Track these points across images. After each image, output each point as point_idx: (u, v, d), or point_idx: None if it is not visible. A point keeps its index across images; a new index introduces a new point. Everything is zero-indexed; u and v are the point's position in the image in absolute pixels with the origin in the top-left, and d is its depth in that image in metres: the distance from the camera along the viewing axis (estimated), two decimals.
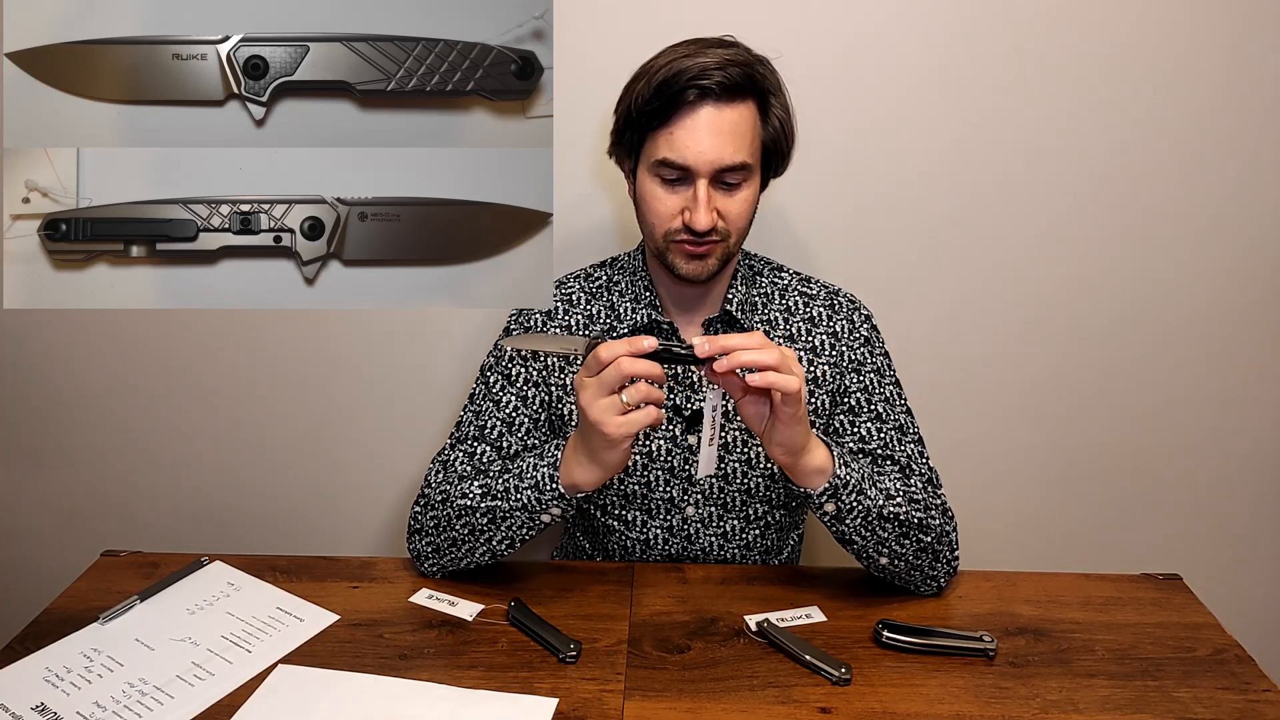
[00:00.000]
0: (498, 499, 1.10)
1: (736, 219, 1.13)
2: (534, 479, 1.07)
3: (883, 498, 1.09)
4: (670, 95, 1.08)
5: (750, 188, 1.13)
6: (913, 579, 1.14)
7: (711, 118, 1.08)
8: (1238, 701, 0.96)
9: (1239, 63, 1.43)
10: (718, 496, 1.23)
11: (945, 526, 1.13)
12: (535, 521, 1.09)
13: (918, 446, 1.21)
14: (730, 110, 1.09)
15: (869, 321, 1.26)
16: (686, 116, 1.08)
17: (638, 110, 1.11)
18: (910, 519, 1.10)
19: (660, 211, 1.13)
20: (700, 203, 1.09)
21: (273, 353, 1.62)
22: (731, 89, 1.08)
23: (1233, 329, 1.57)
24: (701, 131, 1.08)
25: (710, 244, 1.12)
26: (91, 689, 0.98)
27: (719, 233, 1.12)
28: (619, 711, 0.94)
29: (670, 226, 1.12)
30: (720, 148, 1.08)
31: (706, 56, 1.07)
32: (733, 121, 1.09)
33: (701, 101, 1.08)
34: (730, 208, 1.12)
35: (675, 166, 1.09)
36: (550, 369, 1.24)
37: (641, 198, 1.15)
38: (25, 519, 1.76)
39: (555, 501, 1.06)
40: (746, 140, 1.10)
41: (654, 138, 1.11)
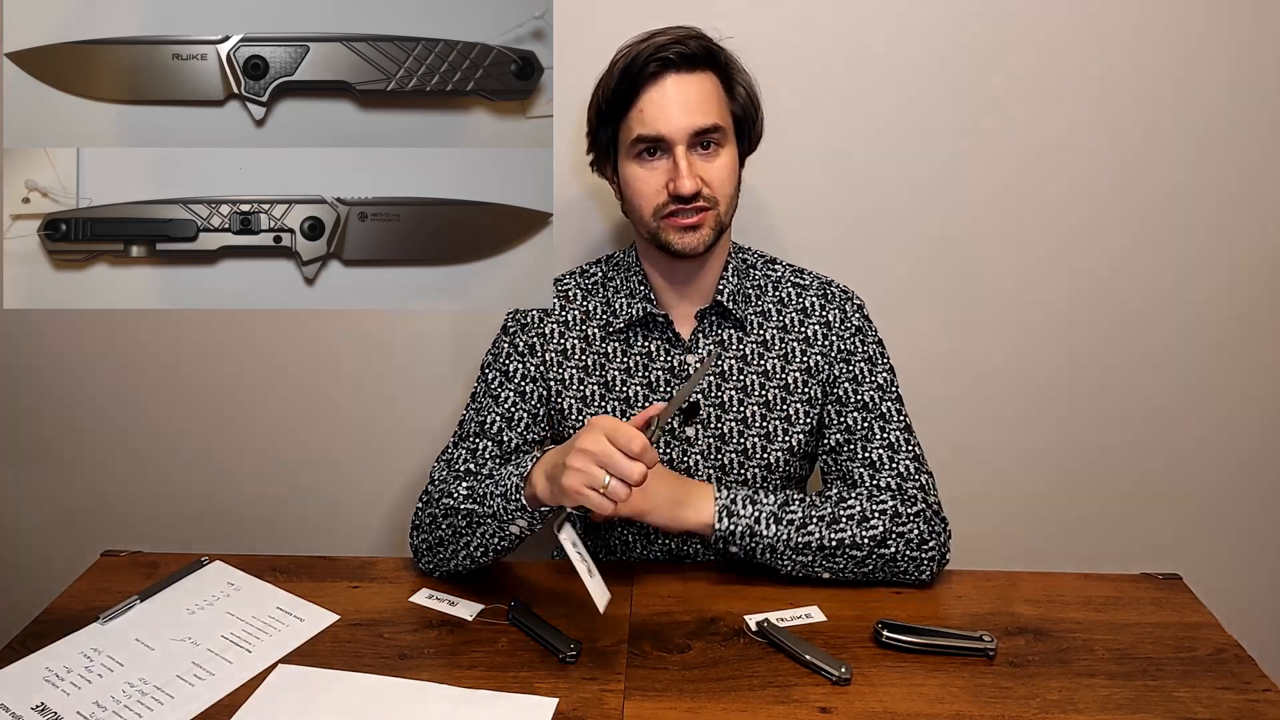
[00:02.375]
0: (475, 503, 1.10)
1: (721, 184, 1.15)
2: (504, 487, 1.07)
3: (788, 530, 1.12)
4: (633, 75, 1.11)
5: (728, 154, 1.16)
6: (881, 580, 1.15)
7: (677, 86, 1.12)
8: (1238, 701, 0.96)
9: (1241, 69, 1.43)
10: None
11: (895, 531, 1.13)
12: (504, 531, 1.09)
13: (903, 434, 1.21)
14: (693, 78, 1.12)
15: (861, 311, 1.27)
16: (652, 90, 1.12)
17: (606, 102, 1.14)
18: (828, 542, 1.12)
19: (645, 191, 1.15)
20: (681, 168, 1.11)
21: (273, 353, 1.62)
22: (691, 59, 1.12)
23: (1233, 330, 1.57)
24: (669, 100, 1.11)
25: (701, 211, 1.14)
26: (91, 689, 0.98)
27: (706, 199, 1.14)
28: (619, 711, 0.94)
29: (658, 202, 1.14)
30: (690, 113, 1.11)
31: (664, 36, 1.12)
32: (697, 87, 1.12)
33: (663, 72, 1.11)
34: (712, 173, 1.14)
35: (650, 140, 1.12)
36: (548, 365, 1.25)
37: (626, 185, 1.17)
38: (25, 519, 1.76)
39: (520, 513, 1.06)
40: (715, 104, 1.14)
41: (626, 122, 1.14)
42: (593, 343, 1.25)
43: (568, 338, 1.25)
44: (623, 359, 1.24)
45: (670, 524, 1.13)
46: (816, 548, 1.12)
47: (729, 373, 1.23)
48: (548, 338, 1.25)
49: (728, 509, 1.13)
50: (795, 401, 1.24)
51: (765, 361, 1.24)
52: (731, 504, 1.13)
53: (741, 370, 1.23)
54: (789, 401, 1.24)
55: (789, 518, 1.13)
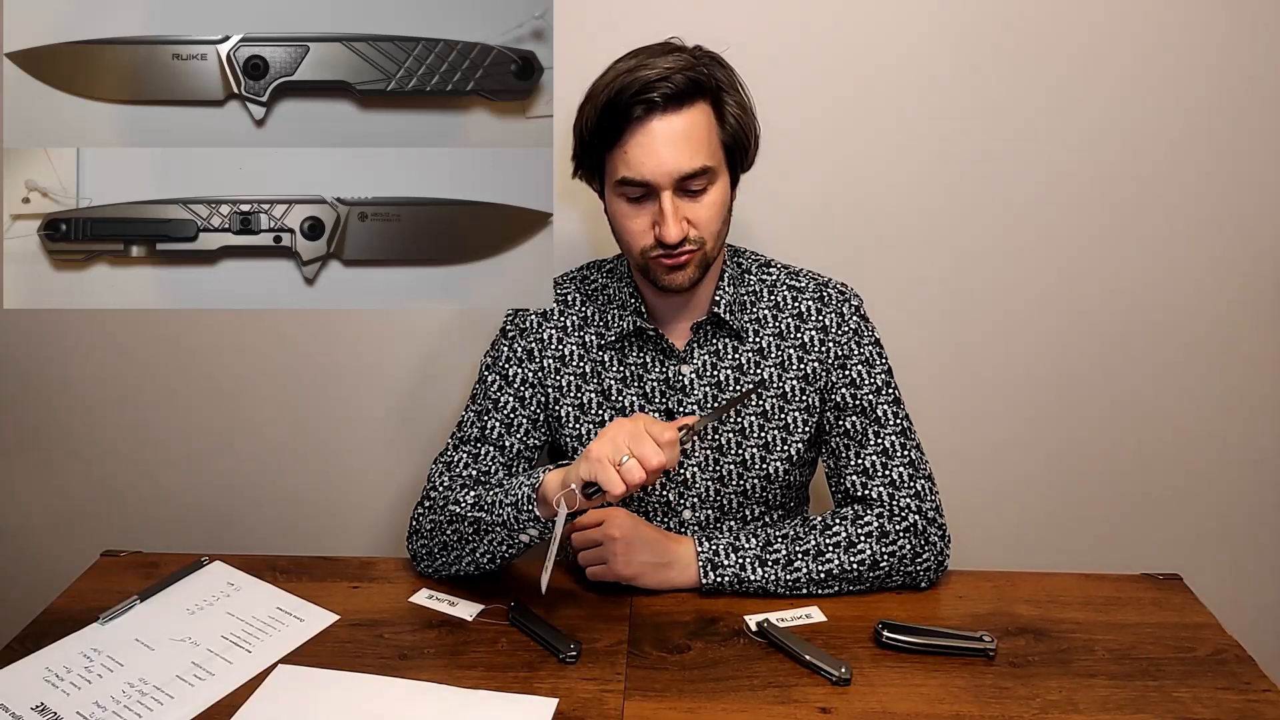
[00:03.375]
0: (483, 511, 1.10)
1: (707, 223, 1.12)
2: (515, 497, 1.07)
3: (776, 570, 1.13)
4: (617, 113, 1.07)
5: (717, 190, 1.12)
6: (880, 588, 1.15)
7: (663, 129, 1.07)
8: (1238, 701, 0.96)
9: (1232, 58, 1.43)
10: (714, 500, 1.24)
11: (884, 551, 1.14)
12: (514, 539, 1.09)
13: (898, 438, 1.20)
14: (680, 117, 1.07)
15: (858, 312, 1.25)
16: (637, 132, 1.07)
17: (589, 134, 1.11)
18: (817, 575, 1.13)
19: (631, 230, 1.13)
20: (667, 215, 1.08)
21: (272, 353, 1.62)
22: (678, 96, 1.06)
23: (1233, 329, 1.57)
24: (655, 145, 1.07)
25: (687, 253, 1.12)
26: (91, 689, 0.98)
27: (692, 241, 1.11)
28: (619, 711, 0.94)
29: (644, 244, 1.12)
30: (676, 157, 1.07)
31: (649, 69, 1.06)
32: (685, 128, 1.07)
33: (649, 115, 1.06)
34: (699, 214, 1.11)
35: (635, 184, 1.09)
36: (546, 371, 1.24)
37: (613, 218, 1.16)
38: (25, 519, 1.76)
39: (531, 523, 1.06)
40: (704, 143, 1.09)
41: (610, 158, 1.11)
42: (591, 349, 1.25)
43: (566, 344, 1.25)
44: (619, 368, 1.24)
45: (659, 587, 1.14)
46: (806, 581, 1.13)
47: (724, 383, 1.23)
48: (546, 343, 1.25)
49: (711, 562, 1.13)
50: (793, 410, 1.23)
51: (762, 370, 1.23)
52: (715, 556, 1.13)
53: (738, 380, 1.23)
54: (787, 410, 1.23)
55: (773, 558, 1.13)
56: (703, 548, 1.14)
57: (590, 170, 1.17)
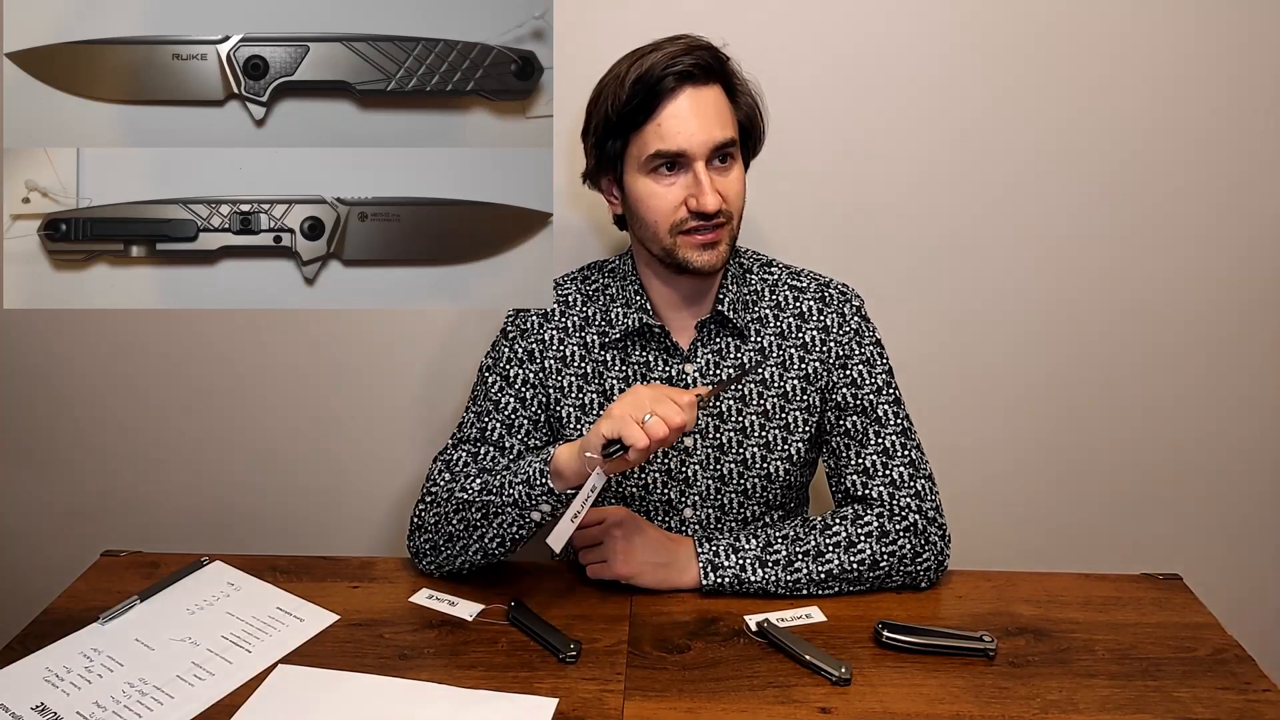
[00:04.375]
0: (492, 494, 1.10)
1: (735, 198, 1.15)
2: (526, 475, 1.07)
3: (776, 571, 1.13)
4: (648, 88, 1.09)
5: (739, 167, 1.16)
6: (881, 588, 1.16)
7: (695, 99, 1.10)
8: (1238, 701, 0.96)
9: (1239, 67, 1.43)
10: (715, 498, 1.24)
11: (884, 551, 1.14)
12: (525, 519, 1.09)
13: (898, 438, 1.20)
14: (708, 90, 1.11)
15: (859, 313, 1.26)
16: (670, 104, 1.10)
17: (617, 114, 1.11)
18: (817, 575, 1.13)
19: (661, 207, 1.13)
20: (704, 185, 1.10)
21: (273, 353, 1.62)
22: (705, 70, 1.10)
23: (1233, 330, 1.57)
24: (688, 115, 1.10)
25: (719, 227, 1.13)
26: (91, 689, 0.98)
27: (724, 214, 1.13)
28: (619, 711, 0.94)
29: (676, 218, 1.13)
30: (709, 127, 1.10)
31: (671, 46, 1.10)
32: (713, 100, 1.11)
33: (681, 86, 1.10)
34: (728, 187, 1.13)
35: (669, 155, 1.10)
36: (547, 371, 1.24)
37: (637, 200, 1.15)
38: (25, 519, 1.76)
39: (545, 497, 1.06)
40: (728, 118, 1.13)
41: (639, 136, 1.12)
42: (592, 350, 1.25)
43: (567, 344, 1.25)
44: (621, 368, 1.23)
45: (659, 587, 1.14)
46: (807, 581, 1.13)
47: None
48: (547, 344, 1.25)
49: (711, 563, 1.14)
50: (794, 409, 1.23)
51: (764, 369, 1.23)
52: (715, 557, 1.14)
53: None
54: (788, 409, 1.23)
55: (773, 559, 1.13)
56: (703, 549, 1.14)
57: (609, 162, 1.16)
